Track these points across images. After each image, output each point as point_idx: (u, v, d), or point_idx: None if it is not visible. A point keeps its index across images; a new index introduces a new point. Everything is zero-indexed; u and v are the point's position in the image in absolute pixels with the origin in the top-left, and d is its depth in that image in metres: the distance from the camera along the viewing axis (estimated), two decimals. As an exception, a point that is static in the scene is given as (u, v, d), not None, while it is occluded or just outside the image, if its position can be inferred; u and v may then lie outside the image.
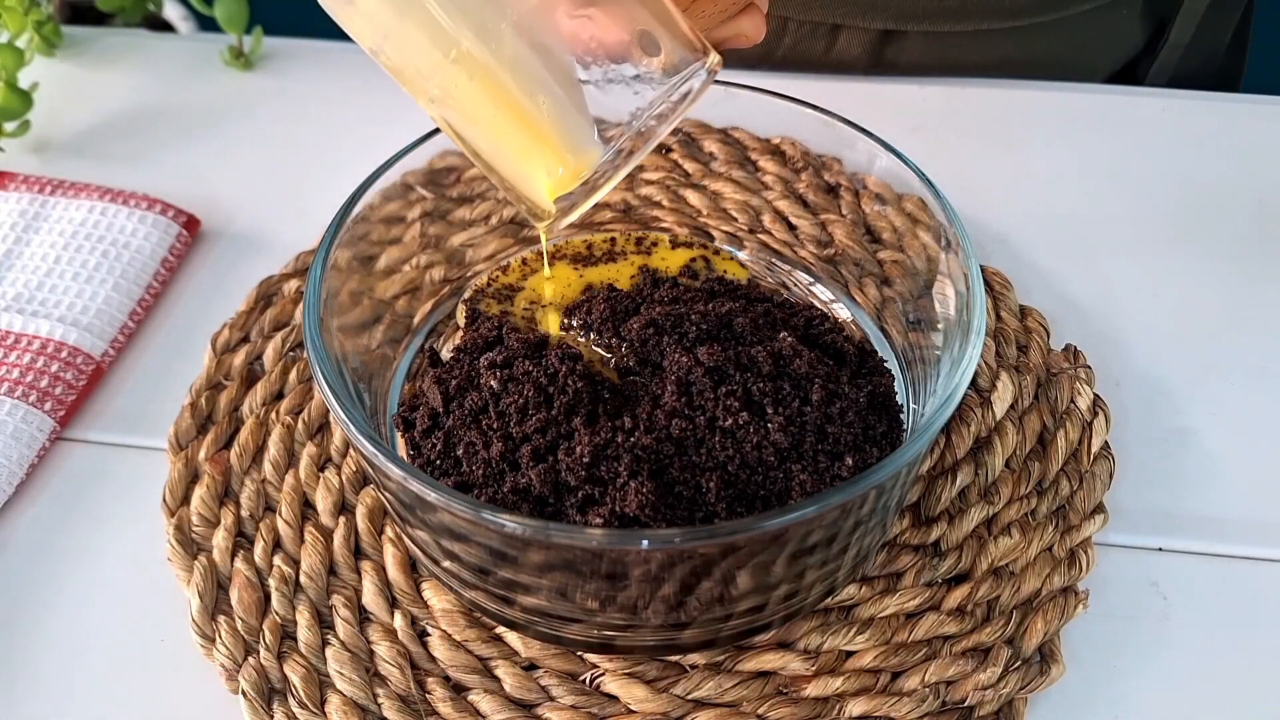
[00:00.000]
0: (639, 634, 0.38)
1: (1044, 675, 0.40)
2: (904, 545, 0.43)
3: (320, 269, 0.40)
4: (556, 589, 0.36)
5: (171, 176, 0.60)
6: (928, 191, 0.41)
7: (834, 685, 0.40)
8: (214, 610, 0.42)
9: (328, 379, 0.37)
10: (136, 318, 0.52)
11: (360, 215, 0.41)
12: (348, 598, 0.42)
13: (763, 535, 0.34)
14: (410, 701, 0.40)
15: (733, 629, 0.39)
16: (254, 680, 0.40)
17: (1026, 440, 0.46)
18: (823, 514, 0.34)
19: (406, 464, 0.34)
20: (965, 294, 0.40)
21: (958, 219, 0.40)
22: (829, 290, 0.49)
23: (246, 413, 0.48)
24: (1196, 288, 0.54)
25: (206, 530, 0.44)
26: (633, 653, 0.40)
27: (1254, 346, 0.51)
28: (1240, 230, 0.56)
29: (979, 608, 0.42)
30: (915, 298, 0.44)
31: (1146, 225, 0.56)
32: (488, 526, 0.33)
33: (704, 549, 0.34)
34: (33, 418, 0.47)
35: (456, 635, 0.41)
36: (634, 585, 0.35)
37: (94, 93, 0.65)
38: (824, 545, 0.36)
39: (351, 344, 0.41)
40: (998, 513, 0.44)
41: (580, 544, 0.33)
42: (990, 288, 0.52)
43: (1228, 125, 0.61)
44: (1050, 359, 0.49)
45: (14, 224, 0.55)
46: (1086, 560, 0.43)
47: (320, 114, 0.63)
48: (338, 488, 0.45)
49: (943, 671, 0.40)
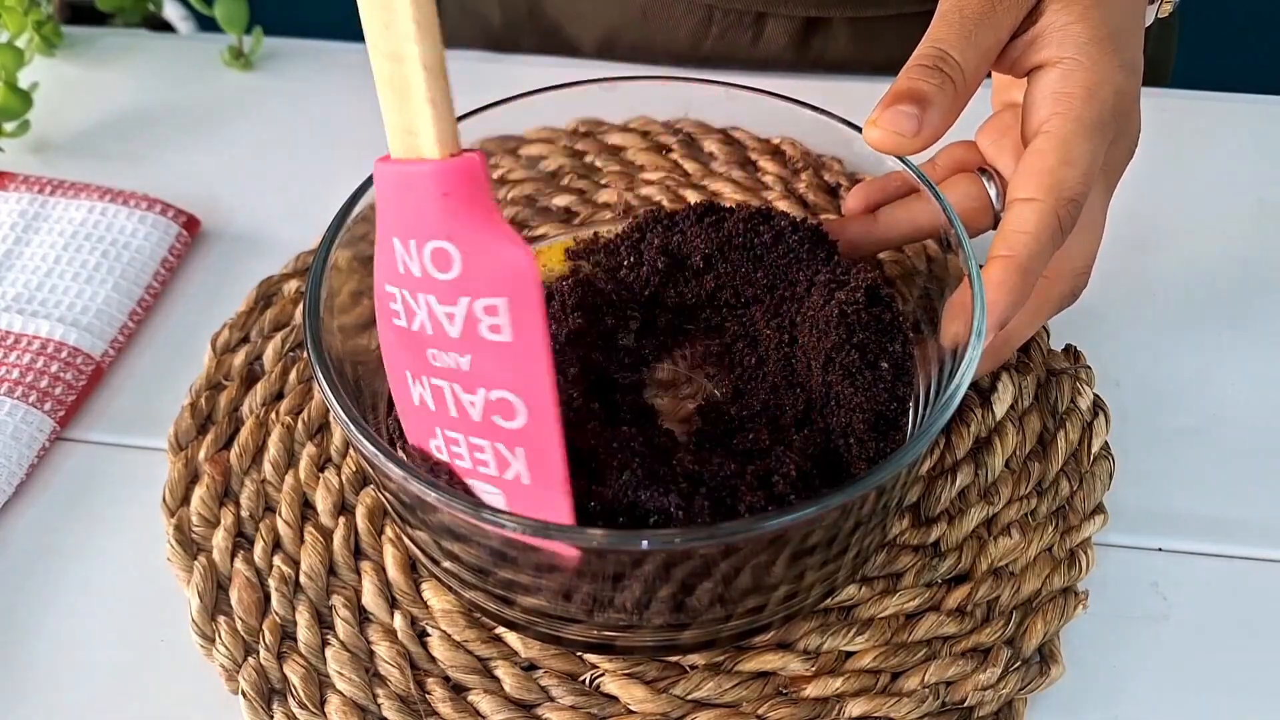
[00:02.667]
0: (638, 635, 0.38)
1: (1044, 676, 0.40)
2: (904, 545, 0.43)
3: (320, 268, 0.40)
4: (556, 589, 0.36)
5: (171, 176, 0.59)
6: (929, 193, 0.41)
7: (834, 686, 0.40)
8: (214, 610, 0.42)
9: (328, 379, 0.37)
10: (136, 318, 0.52)
11: (360, 215, 0.41)
12: (347, 598, 0.42)
13: (762, 536, 0.34)
14: (410, 702, 0.40)
15: (732, 629, 0.38)
16: (254, 680, 0.40)
17: (1026, 440, 0.46)
18: (822, 515, 0.34)
19: (406, 463, 0.34)
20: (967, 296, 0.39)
21: (957, 221, 0.40)
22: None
23: (246, 413, 0.48)
24: (1197, 287, 0.54)
25: (206, 530, 0.44)
26: (632, 653, 0.40)
27: (1255, 346, 0.51)
28: (1240, 230, 0.56)
29: (979, 608, 0.42)
30: (915, 298, 0.44)
31: (1146, 225, 0.56)
32: (487, 527, 0.33)
33: (704, 550, 0.34)
34: (32, 418, 0.47)
35: (456, 635, 0.41)
36: (633, 586, 0.35)
37: (94, 93, 0.65)
38: (824, 546, 0.36)
39: (351, 344, 0.41)
40: (997, 513, 0.44)
41: (580, 544, 0.33)
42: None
43: (1227, 125, 0.61)
44: (1050, 359, 0.49)
45: (14, 224, 0.55)
46: (1086, 561, 0.43)
47: (320, 114, 0.63)
48: (337, 488, 0.45)
49: (942, 672, 0.40)
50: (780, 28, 0.64)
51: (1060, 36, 0.40)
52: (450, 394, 0.34)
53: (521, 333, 0.33)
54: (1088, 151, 0.39)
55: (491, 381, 0.33)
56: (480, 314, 0.33)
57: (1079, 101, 0.39)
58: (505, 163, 0.54)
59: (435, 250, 0.33)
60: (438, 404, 0.35)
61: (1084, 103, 0.39)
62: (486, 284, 0.32)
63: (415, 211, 0.33)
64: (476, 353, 0.33)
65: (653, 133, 0.56)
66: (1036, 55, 0.41)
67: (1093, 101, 0.39)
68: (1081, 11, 0.40)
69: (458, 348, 0.33)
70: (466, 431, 0.35)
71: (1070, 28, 0.40)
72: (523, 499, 0.35)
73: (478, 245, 0.32)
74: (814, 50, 0.65)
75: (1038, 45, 0.41)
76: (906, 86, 0.39)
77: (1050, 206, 0.39)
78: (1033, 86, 0.41)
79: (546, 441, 0.33)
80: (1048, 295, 0.43)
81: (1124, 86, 0.40)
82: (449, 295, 0.33)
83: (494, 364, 0.33)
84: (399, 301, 0.34)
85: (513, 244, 0.32)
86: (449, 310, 0.33)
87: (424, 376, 0.35)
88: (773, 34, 0.64)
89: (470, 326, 0.33)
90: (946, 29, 0.40)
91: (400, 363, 0.36)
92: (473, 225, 0.32)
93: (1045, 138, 0.40)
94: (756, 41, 0.65)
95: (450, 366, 0.34)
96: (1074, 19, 0.40)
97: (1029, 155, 0.40)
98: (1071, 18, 0.40)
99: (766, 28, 0.64)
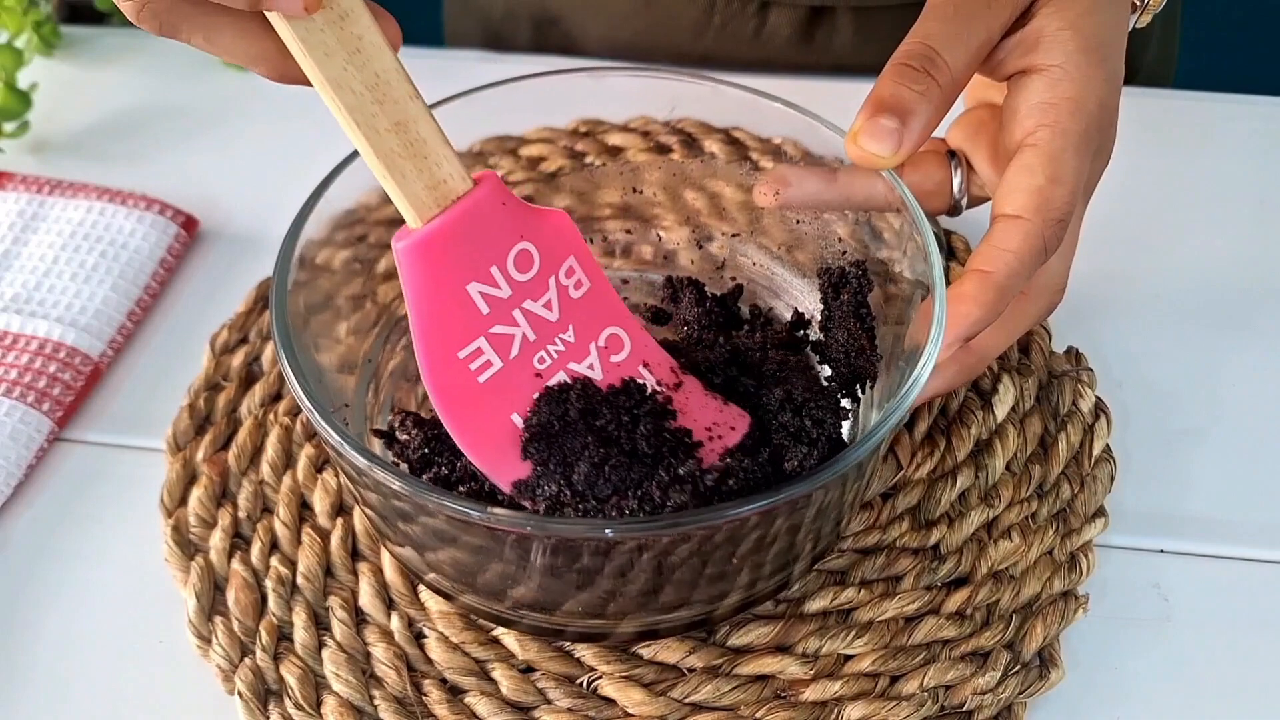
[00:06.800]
0: (601, 621, 0.38)
1: (1043, 679, 0.40)
2: (903, 548, 0.43)
3: (295, 236, 0.40)
4: (536, 583, 0.36)
5: (170, 176, 0.59)
6: (903, 198, 0.41)
7: (832, 689, 0.40)
8: (211, 611, 0.42)
9: (306, 392, 0.36)
10: (135, 318, 0.52)
11: (334, 208, 0.41)
12: (344, 599, 0.42)
13: (687, 534, 0.34)
14: (406, 703, 0.40)
15: (673, 622, 0.39)
16: (250, 681, 0.40)
17: (1028, 443, 0.46)
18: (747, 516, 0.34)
19: (380, 459, 0.35)
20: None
21: (924, 228, 0.40)
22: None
23: (244, 413, 0.48)
24: (1199, 288, 0.54)
25: (204, 531, 0.44)
26: (604, 639, 0.40)
27: (1257, 347, 0.51)
28: (1242, 231, 0.56)
29: (979, 611, 0.42)
30: (913, 299, 0.44)
31: (1147, 226, 0.56)
32: (447, 512, 0.34)
33: (662, 539, 0.34)
34: (31, 418, 0.47)
35: (453, 637, 0.41)
36: (580, 573, 0.36)
37: (93, 93, 0.65)
38: (758, 544, 0.36)
39: (334, 351, 0.42)
40: (998, 516, 0.44)
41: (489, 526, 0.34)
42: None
43: (1228, 125, 0.61)
44: (1052, 361, 0.49)
45: (12, 224, 0.55)
46: (1087, 564, 0.43)
47: (320, 114, 0.63)
48: (335, 489, 0.45)
49: (942, 675, 0.40)
50: (783, 17, 0.64)
51: (1050, 43, 0.39)
52: (568, 377, 0.39)
53: (592, 274, 0.39)
54: (1075, 169, 0.39)
55: (594, 330, 0.39)
56: (564, 280, 0.38)
57: (1065, 114, 0.39)
58: (505, 163, 0.54)
59: (518, 255, 0.37)
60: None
61: (1070, 115, 0.39)
62: (558, 252, 0.38)
63: (487, 237, 0.37)
64: (574, 317, 0.39)
65: (653, 133, 0.56)
66: (1022, 60, 0.40)
67: (1079, 114, 0.39)
68: (1073, 19, 0.39)
69: (560, 326, 0.38)
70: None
71: (1060, 34, 0.39)
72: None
73: (536, 228, 0.37)
74: (818, 43, 0.65)
75: (1025, 49, 0.40)
76: (890, 94, 0.38)
77: (1037, 227, 0.38)
78: (1016, 93, 0.40)
79: (651, 348, 0.40)
80: (1024, 312, 0.43)
81: (1107, 99, 0.40)
82: (540, 286, 0.38)
83: (589, 314, 0.39)
84: (483, 354, 0.37)
85: (551, 212, 0.38)
86: (545, 299, 0.38)
87: (535, 395, 0.38)
88: (776, 24, 0.64)
89: (563, 297, 0.38)
90: (938, 23, 0.39)
91: (495, 413, 0.38)
92: (526, 215, 0.37)
93: (1033, 152, 0.39)
94: (759, 32, 0.64)
95: (560, 350, 0.38)
96: (1065, 25, 0.39)
97: (1017, 170, 0.39)
98: (1063, 24, 0.39)
99: (769, 18, 0.64)
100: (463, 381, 0.37)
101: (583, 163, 0.55)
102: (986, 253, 0.39)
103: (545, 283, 0.38)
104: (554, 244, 0.38)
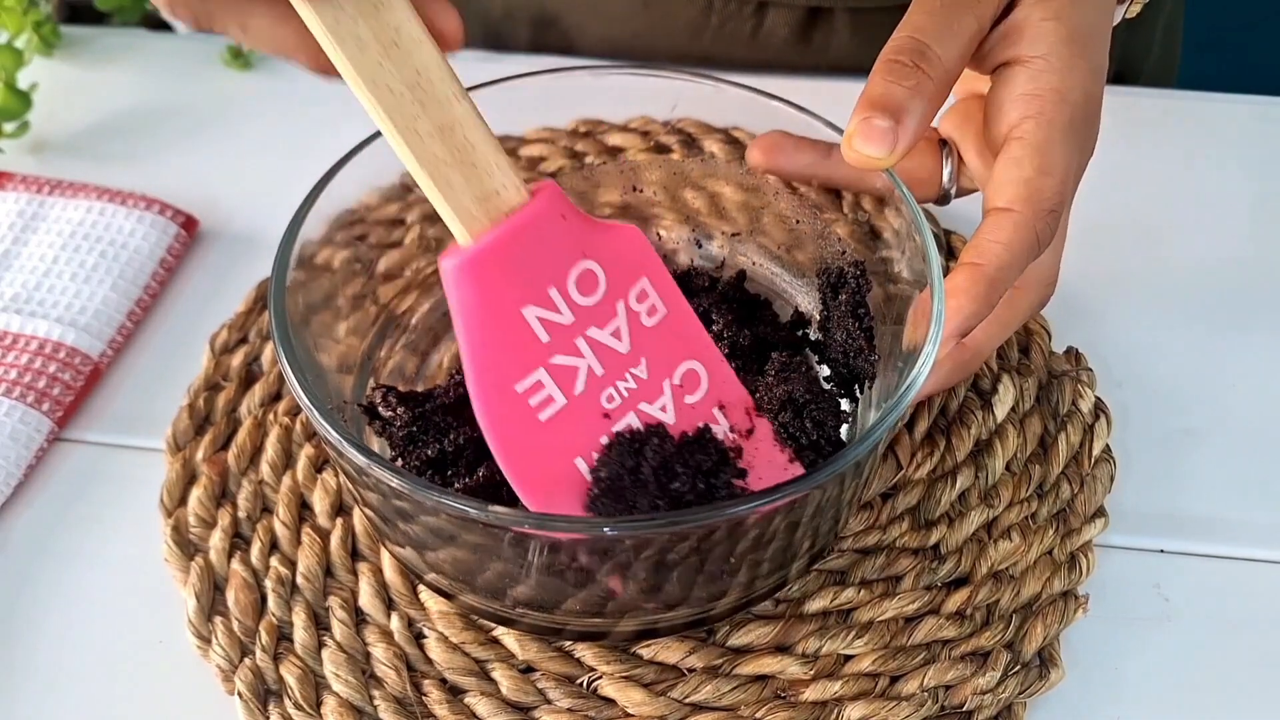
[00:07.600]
0: (602, 620, 0.38)
1: (1043, 680, 0.40)
2: (903, 549, 0.43)
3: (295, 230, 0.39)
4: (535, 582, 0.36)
5: (170, 176, 0.59)
6: (902, 198, 0.41)
7: (832, 689, 0.40)
8: (210, 611, 0.42)
9: (306, 391, 0.36)
10: (135, 318, 0.52)
11: (333, 205, 0.41)
12: (344, 599, 0.42)
13: (716, 526, 0.34)
14: (406, 703, 0.40)
15: (672, 620, 0.39)
16: (250, 681, 0.40)
17: (1027, 443, 0.46)
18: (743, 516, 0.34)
19: (380, 457, 0.34)
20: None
21: (924, 228, 0.40)
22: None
23: (244, 413, 0.48)
24: (1199, 288, 0.54)
25: (203, 531, 0.44)
26: (603, 638, 0.40)
27: (1257, 347, 0.51)
28: (1241, 230, 0.56)
29: (978, 611, 0.42)
30: (912, 299, 0.44)
31: (1147, 226, 0.56)
32: (426, 500, 0.33)
33: (663, 536, 0.34)
34: (30, 418, 0.47)
35: (453, 637, 0.41)
36: (579, 571, 0.36)
37: (92, 93, 0.65)
38: (756, 542, 0.36)
39: (334, 348, 0.42)
40: (998, 516, 0.44)
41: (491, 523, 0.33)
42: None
43: (1228, 125, 0.61)
44: (1052, 361, 0.49)
45: (11, 224, 0.55)
46: (1087, 564, 0.43)
47: (320, 114, 0.63)
48: (335, 489, 0.45)
49: (942, 675, 0.40)
50: (781, 18, 0.63)
51: (1034, 33, 0.39)
52: (639, 421, 0.34)
53: (669, 298, 0.35)
54: (1063, 159, 0.38)
55: (669, 365, 0.35)
56: (636, 305, 0.34)
57: (1050, 105, 0.39)
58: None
59: (581, 275, 0.33)
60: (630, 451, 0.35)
61: (1055, 106, 0.39)
62: (627, 274, 0.33)
63: (545, 255, 0.33)
64: (647, 349, 0.35)
65: (653, 132, 0.56)
66: (1007, 51, 0.40)
67: (1063, 105, 0.39)
68: (1058, 9, 0.39)
69: (631, 360, 0.34)
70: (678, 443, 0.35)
71: (1044, 25, 0.39)
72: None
73: (601, 245, 0.33)
74: (815, 44, 0.65)
75: (1010, 40, 0.39)
76: (881, 92, 0.37)
77: (1028, 218, 0.38)
78: (1000, 85, 0.40)
79: (730, 383, 0.36)
80: (1017, 306, 0.43)
81: (1092, 90, 0.40)
82: (606, 311, 0.34)
83: (664, 345, 0.35)
84: (544, 388, 0.34)
85: (620, 226, 0.33)
86: (613, 327, 0.34)
87: (603, 440, 0.34)
88: (773, 25, 0.64)
89: (634, 325, 0.34)
90: (926, 16, 0.38)
91: (557, 456, 0.34)
92: (589, 230, 0.33)
93: (1020, 145, 0.39)
94: (757, 33, 0.64)
95: (631, 389, 0.34)
96: (1049, 16, 0.39)
97: (1005, 163, 0.39)
98: (1047, 14, 0.39)
99: (767, 18, 0.64)
100: (521, 417, 0.34)
101: (582, 162, 0.55)
102: (977, 245, 0.38)
103: (612, 308, 0.34)
104: (622, 264, 0.34)
